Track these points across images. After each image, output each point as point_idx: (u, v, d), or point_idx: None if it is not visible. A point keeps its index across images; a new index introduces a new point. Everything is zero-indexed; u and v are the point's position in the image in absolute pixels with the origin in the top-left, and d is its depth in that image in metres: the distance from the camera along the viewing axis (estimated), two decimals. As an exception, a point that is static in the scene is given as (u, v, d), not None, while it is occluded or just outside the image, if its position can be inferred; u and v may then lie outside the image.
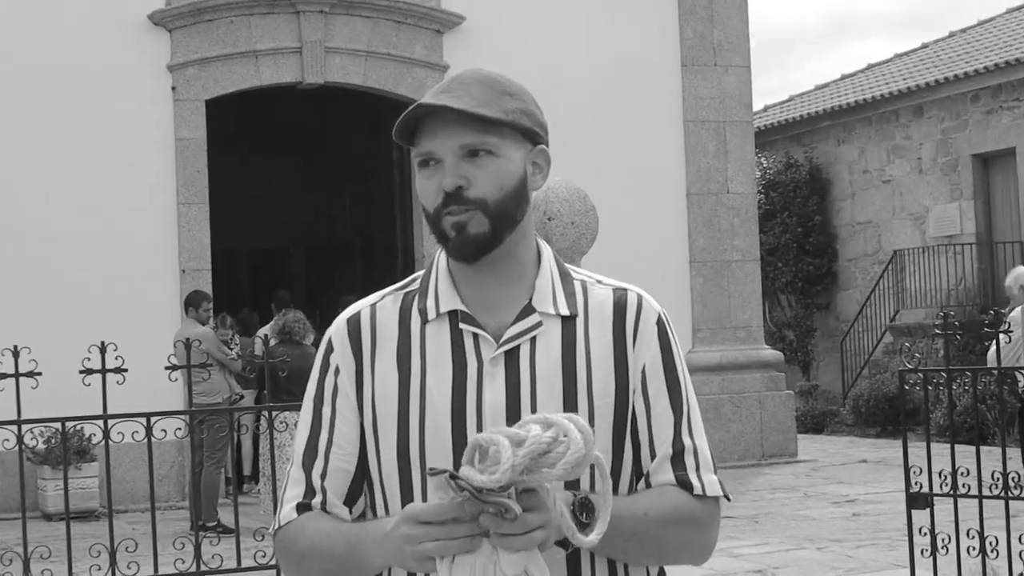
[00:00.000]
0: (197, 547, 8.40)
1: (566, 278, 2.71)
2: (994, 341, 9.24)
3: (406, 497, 2.60)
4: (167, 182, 16.07)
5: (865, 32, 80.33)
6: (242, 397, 15.08)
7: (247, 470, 17.07)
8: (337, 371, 2.69)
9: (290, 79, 16.65)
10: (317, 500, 2.67)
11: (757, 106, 30.75)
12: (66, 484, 8.27)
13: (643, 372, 2.66)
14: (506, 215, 2.60)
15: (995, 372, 8.99)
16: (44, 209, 15.47)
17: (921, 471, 8.71)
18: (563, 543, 2.45)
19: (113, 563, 8.09)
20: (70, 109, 15.61)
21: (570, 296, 2.68)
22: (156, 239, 15.96)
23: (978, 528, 8.45)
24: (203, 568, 8.49)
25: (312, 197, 23.15)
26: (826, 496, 15.00)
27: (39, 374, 8.10)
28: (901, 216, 25.97)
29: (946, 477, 8.55)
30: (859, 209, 26.86)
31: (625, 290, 2.72)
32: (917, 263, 25.24)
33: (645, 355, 2.67)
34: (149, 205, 15.95)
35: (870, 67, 29.91)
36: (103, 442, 8.15)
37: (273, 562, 8.53)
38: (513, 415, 2.55)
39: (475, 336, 2.63)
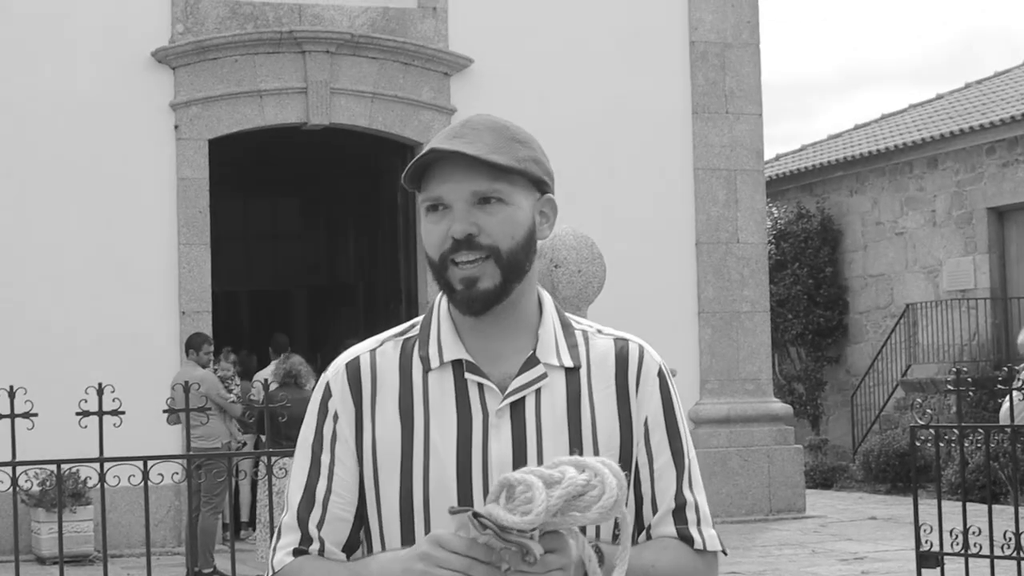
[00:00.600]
0: (189, 594, 8.24)
1: (567, 328, 2.70)
2: (1007, 398, 9.05)
3: (407, 545, 2.53)
4: (168, 222, 15.92)
5: (879, 82, 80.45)
6: (244, 444, 14.89)
7: (244, 516, 16.87)
8: (336, 417, 2.64)
9: (295, 120, 16.50)
10: (314, 548, 2.63)
11: (769, 155, 30.62)
12: (60, 527, 8.17)
13: (645, 424, 2.66)
14: (516, 265, 2.59)
15: (1008, 429, 8.80)
16: (42, 247, 15.33)
17: (932, 529, 8.55)
18: None
19: (105, 609, 7.93)
20: (71, 146, 15.49)
21: (572, 347, 2.67)
22: (156, 280, 15.80)
23: (990, 589, 8.28)
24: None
25: (314, 239, 23.04)
26: (834, 553, 14.77)
27: (35, 415, 7.97)
28: (914, 269, 25.76)
29: (957, 536, 8.39)
30: (871, 261, 26.66)
31: (626, 340, 2.71)
32: (930, 317, 25.02)
33: (647, 407, 2.67)
34: (150, 245, 15.80)
35: (884, 117, 29.78)
36: (99, 485, 8.04)
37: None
38: (519, 467, 2.48)
39: (480, 387, 2.61)
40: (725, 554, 2.74)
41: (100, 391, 7.95)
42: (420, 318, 2.74)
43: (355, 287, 19.95)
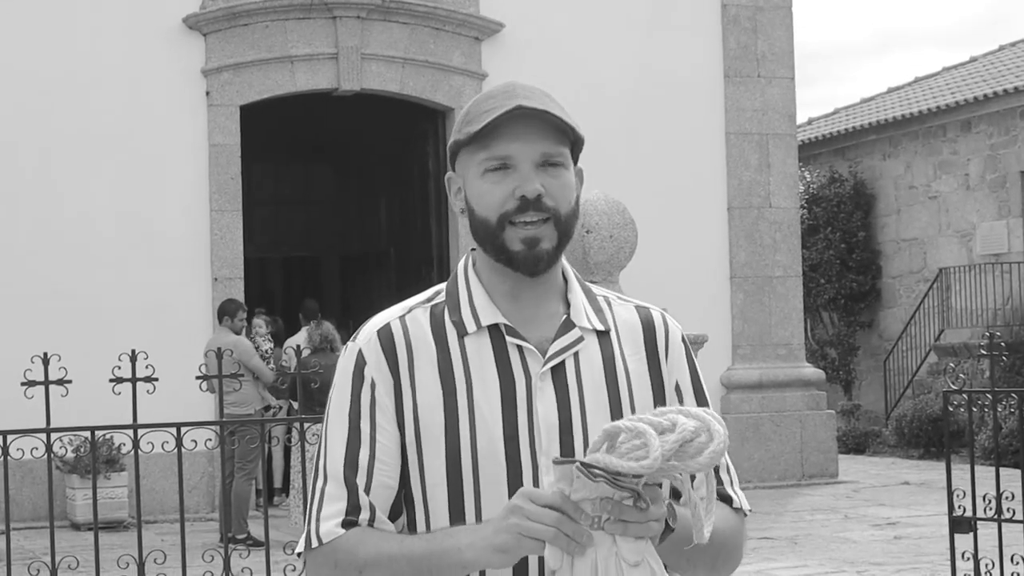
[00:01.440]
0: (226, 559, 8.30)
1: (589, 294, 2.74)
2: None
3: (455, 512, 2.57)
4: (200, 189, 15.94)
5: (913, 45, 79.99)
6: (277, 410, 14.91)
7: (278, 482, 16.93)
8: (374, 384, 2.63)
9: (326, 86, 16.49)
10: (364, 517, 2.60)
11: (801, 119, 30.47)
12: (95, 494, 8.19)
13: (677, 389, 2.72)
14: (569, 230, 2.64)
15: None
16: (75, 215, 15.37)
17: (965, 494, 8.53)
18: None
19: (141, 574, 8.01)
20: (103, 114, 15.51)
21: (599, 312, 2.71)
22: (188, 246, 15.83)
23: (1023, 554, 8.27)
24: (231, 582, 8.36)
25: (346, 206, 23.04)
26: (867, 518, 14.76)
27: (69, 382, 8.01)
28: (947, 233, 25.64)
29: (990, 501, 8.37)
30: (904, 225, 26.54)
31: (648, 308, 2.77)
32: (963, 281, 24.90)
33: (677, 372, 2.73)
34: (182, 212, 15.82)
35: (917, 80, 29.60)
36: (132, 452, 8.07)
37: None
38: (566, 430, 2.58)
39: (520, 350, 2.62)
40: (747, 514, 2.81)
41: (133, 358, 7.98)
42: (442, 286, 2.75)
43: (386, 253, 19.95)
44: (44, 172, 15.36)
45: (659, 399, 2.67)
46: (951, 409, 8.92)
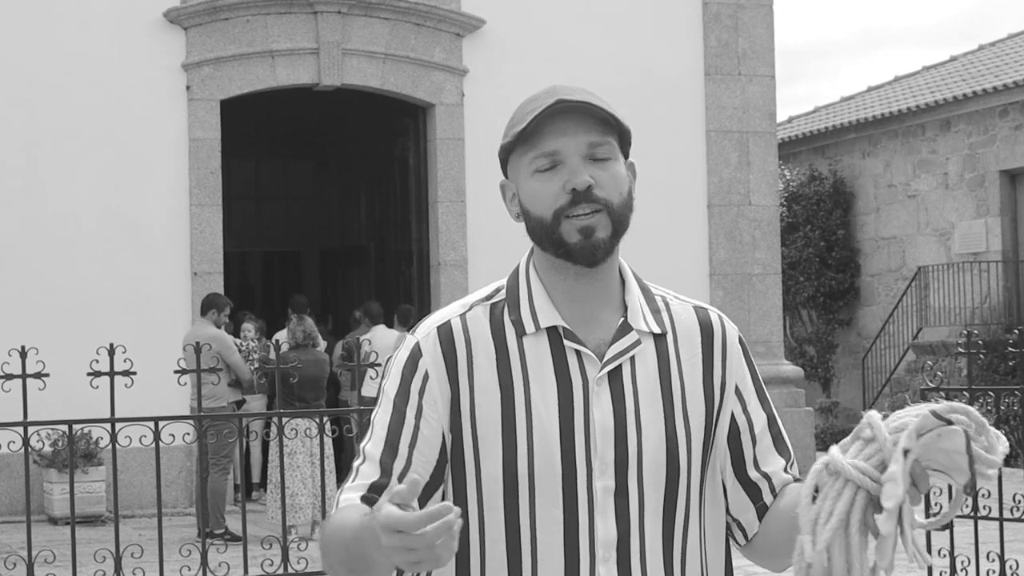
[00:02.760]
0: (204, 554, 8.31)
1: (647, 294, 2.74)
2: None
3: (510, 515, 2.58)
4: (180, 183, 15.90)
5: (894, 44, 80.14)
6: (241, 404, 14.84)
7: (256, 477, 16.90)
8: (426, 376, 2.62)
9: (307, 80, 16.46)
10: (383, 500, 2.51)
11: (781, 117, 30.54)
12: (72, 488, 8.19)
13: (737, 392, 2.73)
14: (624, 221, 2.64)
15: (1018, 392, 8.80)
16: (54, 209, 15.33)
17: (941, 492, 8.54)
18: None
19: (118, 569, 8.00)
20: (84, 107, 15.46)
21: (656, 313, 2.71)
22: (168, 241, 15.79)
23: (998, 551, 8.31)
24: (209, 575, 8.36)
25: (326, 200, 23.02)
26: (844, 515, 14.74)
27: (46, 375, 8.00)
28: (926, 232, 25.71)
29: (967, 499, 8.37)
30: (883, 224, 26.60)
31: (706, 309, 2.77)
32: (941, 280, 24.97)
33: (736, 374, 2.74)
34: (161, 206, 15.78)
35: (897, 79, 29.67)
36: (110, 446, 8.05)
37: (280, 571, 8.39)
38: (620, 434, 2.59)
39: (578, 354, 2.62)
40: None
41: (111, 352, 7.97)
42: (502, 282, 2.74)
43: (366, 248, 19.94)
44: (25, 166, 15.30)
45: (711, 401, 2.69)
46: (928, 407, 8.93)
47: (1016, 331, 8.87)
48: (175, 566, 8.95)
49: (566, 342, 2.62)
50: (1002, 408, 9.08)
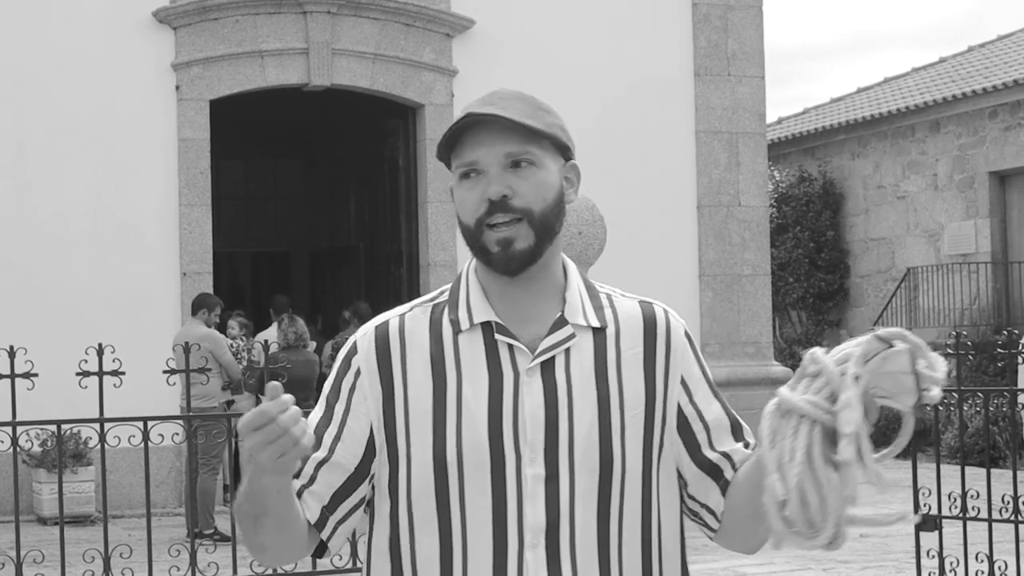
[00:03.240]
0: (193, 554, 8.29)
1: (592, 291, 2.80)
2: None
3: (440, 502, 2.66)
4: (169, 183, 15.89)
5: (883, 46, 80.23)
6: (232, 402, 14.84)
7: (245, 477, 16.85)
8: (358, 373, 2.73)
9: (296, 80, 16.45)
10: (299, 483, 2.70)
11: (771, 118, 30.56)
12: (61, 488, 8.17)
13: (683, 383, 2.77)
14: (548, 227, 2.68)
15: (1007, 393, 8.81)
16: (43, 208, 15.31)
17: (930, 493, 8.58)
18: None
19: (107, 569, 7.98)
20: (72, 107, 15.44)
21: (598, 309, 2.76)
22: (157, 241, 15.78)
23: (987, 552, 8.33)
24: (198, 576, 8.35)
25: (316, 201, 23.01)
26: (833, 516, 14.76)
27: (35, 375, 7.98)
28: (915, 233, 25.74)
29: (956, 499, 8.41)
30: (873, 225, 26.63)
31: (651, 303, 2.83)
32: (931, 281, 25.00)
33: (682, 367, 2.78)
34: (151, 206, 15.76)
35: (887, 80, 29.70)
36: (99, 446, 8.03)
37: (270, 571, 8.38)
38: (551, 424, 2.64)
39: (510, 347, 2.69)
40: None
41: (100, 351, 7.96)
42: (449, 285, 2.82)
43: (356, 249, 19.93)
44: (14, 165, 15.28)
45: (651, 394, 2.73)
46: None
47: (1005, 332, 8.89)
48: (164, 566, 8.94)
49: (498, 336, 2.69)
50: (991, 409, 9.09)
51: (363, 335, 2.76)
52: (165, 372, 8.91)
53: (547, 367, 2.67)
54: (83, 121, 15.48)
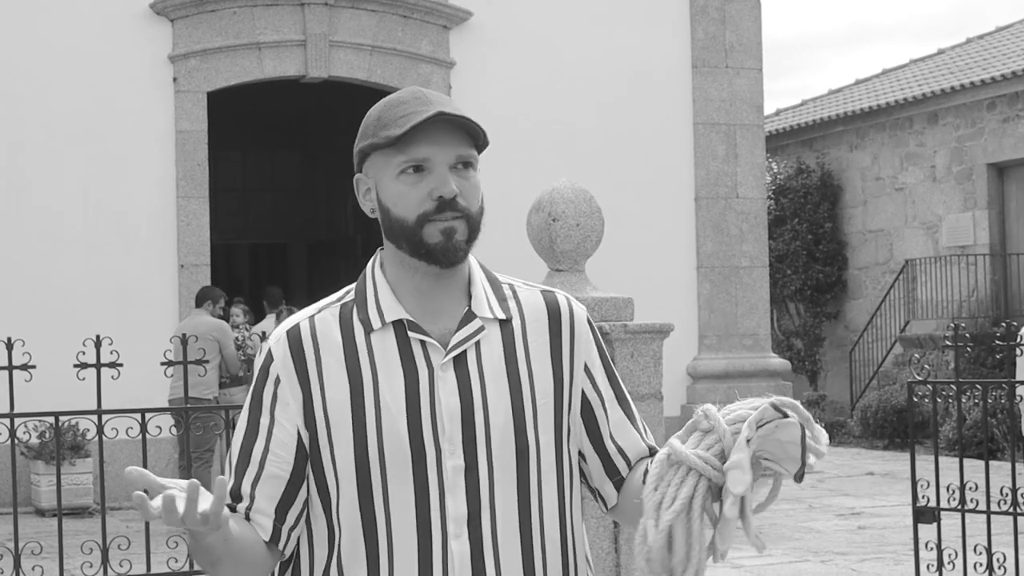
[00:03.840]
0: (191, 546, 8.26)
1: (495, 284, 2.85)
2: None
3: (364, 498, 2.70)
4: (167, 175, 15.87)
5: (881, 37, 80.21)
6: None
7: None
8: (277, 381, 2.76)
9: (293, 72, 16.44)
10: (243, 506, 2.75)
11: (769, 110, 30.55)
12: (59, 480, 8.16)
13: (586, 369, 2.84)
14: (478, 228, 2.76)
15: (1005, 386, 8.80)
16: (41, 201, 15.29)
17: (929, 485, 8.57)
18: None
19: (105, 560, 7.97)
20: (69, 99, 15.42)
21: (502, 301, 2.82)
22: (155, 233, 15.76)
23: (985, 544, 8.34)
24: (196, 568, 8.35)
25: (313, 193, 23.00)
26: (831, 508, 14.79)
27: (33, 367, 7.96)
28: (913, 225, 25.72)
29: (954, 491, 8.39)
30: (871, 217, 26.62)
31: (552, 292, 2.88)
32: (929, 273, 24.99)
33: (584, 354, 2.85)
34: (148, 198, 15.75)
35: (885, 72, 29.68)
36: (97, 438, 8.02)
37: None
38: (467, 416, 2.70)
39: (423, 344, 2.74)
40: None
41: (98, 343, 7.95)
42: (352, 286, 2.86)
43: (353, 240, 19.93)
44: (10, 158, 15.26)
45: (559, 380, 2.80)
46: (916, 400, 8.94)
47: (1003, 324, 8.88)
48: (162, 558, 8.93)
49: (411, 333, 2.73)
50: (989, 401, 9.08)
51: (276, 341, 2.78)
52: (163, 364, 8.91)
53: (459, 361, 2.73)
54: (80, 114, 15.46)
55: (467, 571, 2.66)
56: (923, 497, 8.61)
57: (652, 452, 2.86)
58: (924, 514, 8.50)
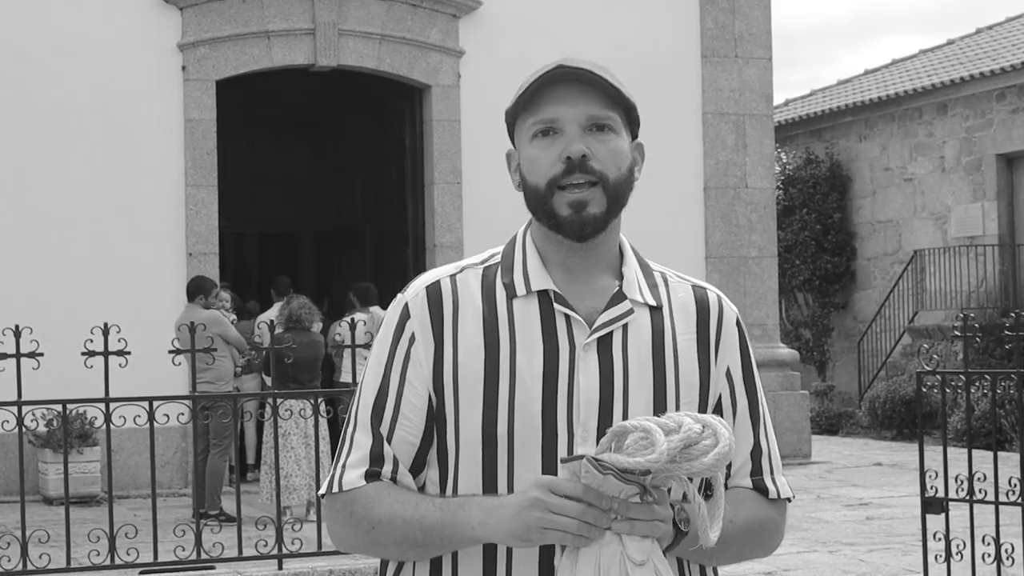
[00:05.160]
0: (198, 535, 8.31)
1: (646, 269, 2.72)
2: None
3: (488, 475, 2.55)
4: (175, 164, 15.87)
5: (891, 27, 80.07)
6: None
7: (250, 458, 16.89)
8: (412, 339, 2.61)
9: (302, 61, 16.42)
10: (387, 469, 2.59)
11: (779, 100, 30.51)
12: (66, 468, 8.21)
13: (728, 375, 2.70)
14: (620, 196, 2.60)
15: (1014, 376, 8.79)
16: (49, 189, 15.29)
17: (937, 475, 8.56)
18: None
19: (112, 549, 8.01)
20: (78, 87, 15.41)
21: (653, 287, 2.68)
22: (163, 221, 15.76)
23: (994, 535, 8.34)
24: (204, 556, 8.38)
25: (322, 182, 22.98)
26: (839, 499, 14.79)
27: (41, 355, 7.99)
28: (922, 215, 25.69)
29: (962, 482, 8.39)
30: (879, 207, 26.58)
31: (704, 289, 2.74)
32: (937, 264, 24.96)
33: (728, 357, 2.71)
34: (157, 187, 15.75)
35: (894, 62, 29.63)
36: (105, 426, 8.04)
37: (274, 552, 8.38)
38: (606, 403, 2.55)
39: (567, 318, 2.59)
40: (791, 500, 2.81)
41: (106, 331, 7.97)
42: (499, 248, 2.73)
43: (362, 230, 19.91)
44: (19, 146, 15.26)
45: (705, 381, 2.66)
46: (924, 390, 8.94)
47: (1012, 315, 8.86)
48: (169, 546, 8.95)
49: (556, 306, 2.59)
50: (998, 391, 9.08)
51: (414, 296, 2.64)
52: (171, 352, 8.92)
53: (603, 343, 2.58)
54: (89, 102, 15.45)
55: None
56: (931, 488, 8.61)
57: (757, 488, 2.73)
58: (932, 505, 8.50)
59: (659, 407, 2.57)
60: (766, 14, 18.31)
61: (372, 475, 2.58)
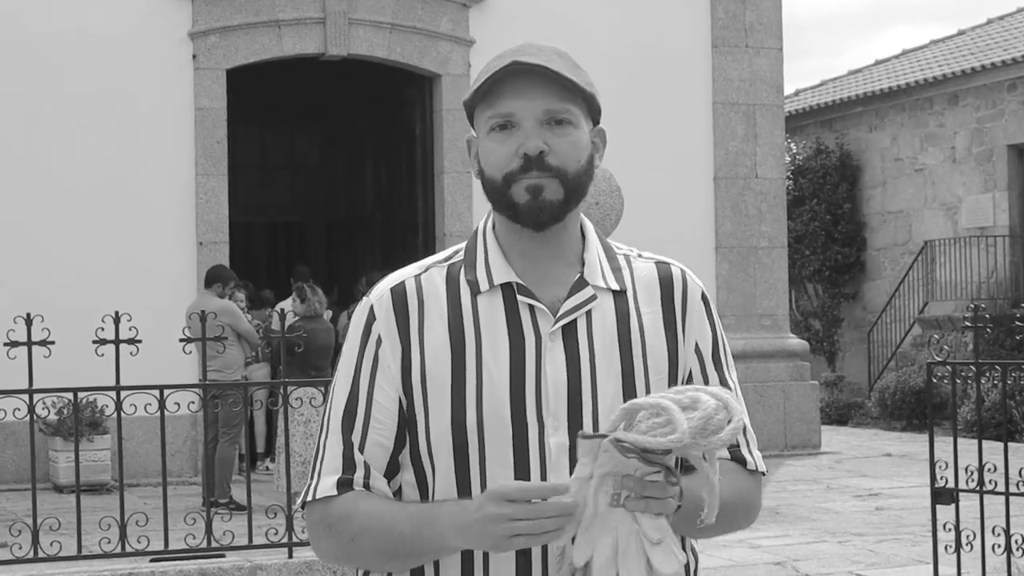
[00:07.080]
0: (208, 523, 8.33)
1: (610, 252, 2.70)
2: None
3: (460, 471, 2.55)
4: (186, 152, 15.87)
5: (902, 18, 79.91)
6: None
7: (260, 447, 16.91)
8: (379, 341, 2.61)
9: (313, 50, 16.42)
10: (359, 475, 2.59)
11: (789, 90, 30.47)
12: (77, 456, 8.21)
13: (696, 350, 2.68)
14: (579, 188, 2.59)
15: (1025, 366, 8.78)
16: (60, 178, 15.30)
17: (947, 466, 8.56)
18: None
19: (123, 537, 8.02)
20: (88, 76, 15.42)
21: (617, 271, 2.67)
22: (174, 210, 15.77)
23: (1004, 525, 8.33)
24: (214, 544, 8.39)
25: (332, 171, 23.00)
26: (849, 489, 14.79)
27: (52, 343, 8.00)
28: (933, 206, 25.65)
29: (972, 473, 8.39)
30: (890, 198, 26.55)
31: (668, 264, 2.72)
32: (948, 254, 24.93)
33: (696, 332, 2.68)
34: (167, 176, 15.76)
35: (905, 53, 29.57)
36: (115, 414, 8.06)
37: (284, 540, 8.39)
38: (574, 391, 2.55)
39: (531, 309, 2.59)
40: (764, 474, 2.80)
41: (117, 320, 7.98)
42: (462, 244, 2.73)
43: (372, 218, 19.93)
44: (29, 134, 15.27)
45: (674, 359, 2.64)
46: (934, 381, 8.93)
47: (1023, 306, 8.85)
48: (179, 534, 8.96)
49: (519, 297, 2.59)
50: (1008, 382, 9.06)
51: (379, 298, 2.64)
52: (181, 340, 8.94)
53: (569, 331, 2.58)
54: (100, 90, 15.46)
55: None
56: (941, 478, 8.60)
57: (735, 459, 2.71)
58: (942, 495, 8.49)
59: (628, 391, 2.56)
60: (777, 4, 18.29)
61: (344, 483, 2.58)
